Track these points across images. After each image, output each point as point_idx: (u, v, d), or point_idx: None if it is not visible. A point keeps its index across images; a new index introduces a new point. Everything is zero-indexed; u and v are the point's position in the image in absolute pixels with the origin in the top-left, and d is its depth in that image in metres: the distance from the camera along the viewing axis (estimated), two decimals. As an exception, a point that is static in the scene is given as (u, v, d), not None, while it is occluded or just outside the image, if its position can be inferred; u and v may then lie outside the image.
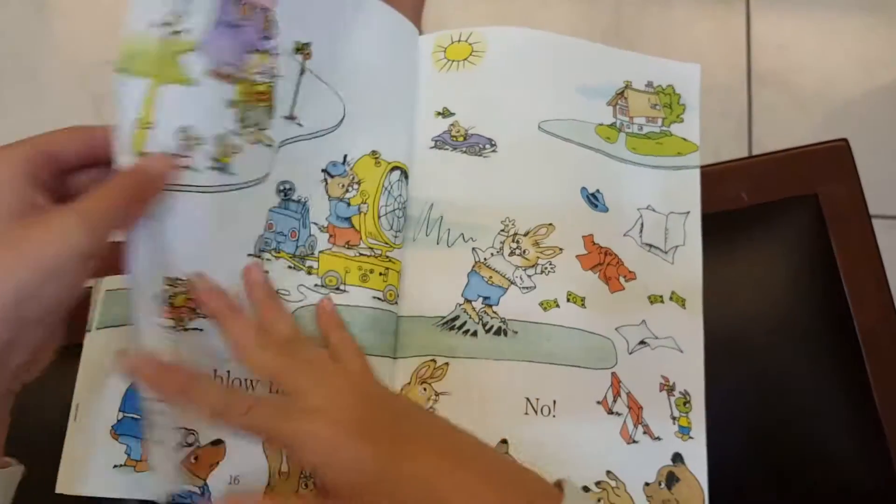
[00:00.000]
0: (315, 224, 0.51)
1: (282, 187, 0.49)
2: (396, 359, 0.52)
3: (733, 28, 1.49)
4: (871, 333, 0.62)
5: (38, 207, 0.38)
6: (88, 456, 0.47)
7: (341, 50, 0.52)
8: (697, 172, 0.59)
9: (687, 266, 0.57)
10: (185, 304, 0.45)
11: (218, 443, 0.46)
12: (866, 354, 0.62)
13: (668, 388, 0.54)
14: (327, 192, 0.51)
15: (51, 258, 0.35)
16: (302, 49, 0.49)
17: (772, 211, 0.64)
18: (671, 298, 0.56)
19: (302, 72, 0.49)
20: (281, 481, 0.47)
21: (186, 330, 0.46)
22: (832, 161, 0.65)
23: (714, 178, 0.63)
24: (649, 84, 0.60)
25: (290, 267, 0.49)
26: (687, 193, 0.58)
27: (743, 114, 1.45)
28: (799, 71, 1.48)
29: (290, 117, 0.49)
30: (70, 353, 0.46)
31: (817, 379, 0.62)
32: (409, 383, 0.52)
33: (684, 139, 0.60)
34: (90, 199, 0.37)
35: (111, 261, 0.42)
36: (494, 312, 0.53)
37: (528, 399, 0.52)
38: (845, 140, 0.65)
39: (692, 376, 0.55)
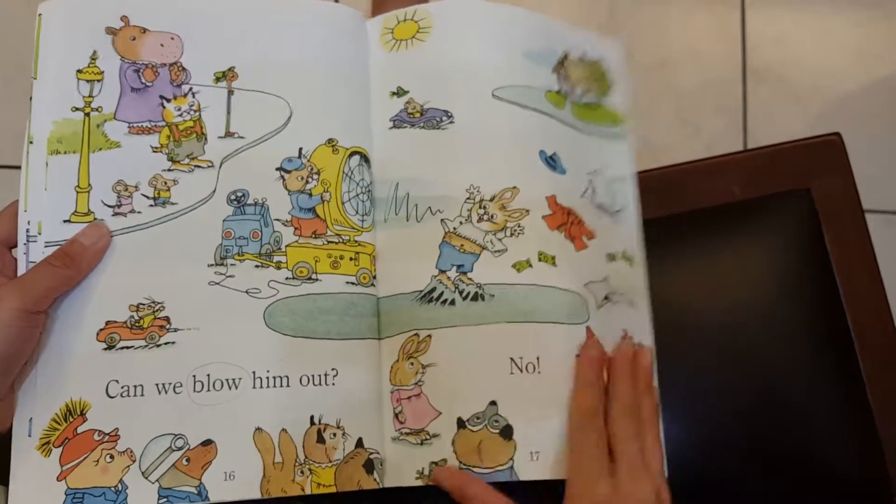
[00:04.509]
0: (278, 220, 0.52)
1: (233, 196, 0.52)
2: (381, 339, 0.53)
3: (729, 22, 1.48)
4: (864, 327, 0.62)
5: None
6: None
7: (277, 56, 0.54)
8: (627, 143, 0.61)
9: (629, 227, 0.60)
10: (153, 324, 0.49)
11: (208, 442, 0.48)
12: (858, 348, 0.62)
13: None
14: (285, 187, 0.53)
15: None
16: (224, 75, 0.53)
17: (765, 205, 0.64)
18: (623, 257, 0.59)
19: (231, 93, 0.53)
20: (276, 472, 0.49)
21: (159, 346, 0.49)
22: (825, 155, 0.65)
23: (705, 172, 0.64)
24: (583, 56, 0.61)
25: (257, 266, 0.51)
26: (622, 160, 0.61)
27: (738, 108, 1.45)
28: (794, 65, 1.47)
29: (229, 135, 0.53)
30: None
31: (810, 372, 0.62)
32: (397, 360, 0.53)
33: (613, 112, 0.61)
34: (30, 272, 0.47)
35: None
36: (469, 279, 0.54)
37: (512, 359, 0.52)
38: (838, 134, 0.65)
39: (644, 331, 0.58)
